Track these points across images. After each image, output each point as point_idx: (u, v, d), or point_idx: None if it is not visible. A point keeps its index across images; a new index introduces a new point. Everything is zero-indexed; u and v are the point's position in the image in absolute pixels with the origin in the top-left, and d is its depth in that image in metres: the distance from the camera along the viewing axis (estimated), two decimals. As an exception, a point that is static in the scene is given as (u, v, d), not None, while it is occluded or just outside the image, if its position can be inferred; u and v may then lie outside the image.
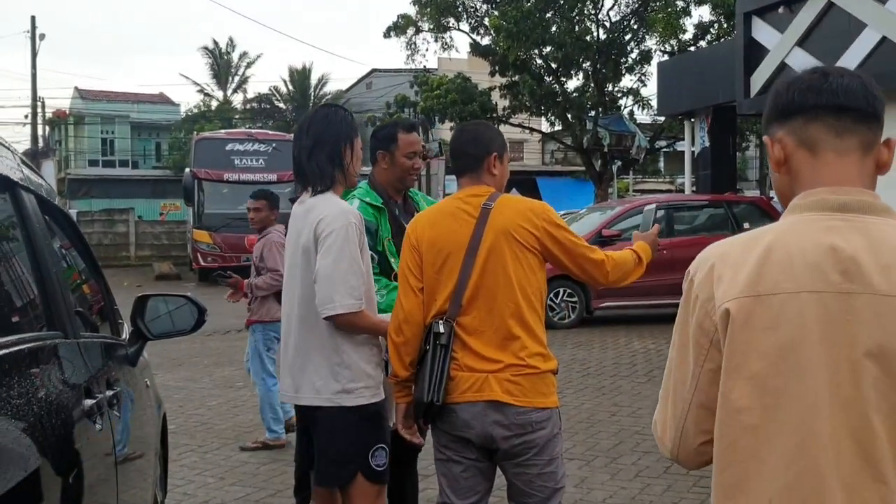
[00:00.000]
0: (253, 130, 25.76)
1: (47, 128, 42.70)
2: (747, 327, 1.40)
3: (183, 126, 42.17)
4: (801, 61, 12.58)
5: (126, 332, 3.49)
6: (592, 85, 25.61)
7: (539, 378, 2.92)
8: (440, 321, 2.94)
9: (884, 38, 10.98)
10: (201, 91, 46.58)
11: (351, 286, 3.09)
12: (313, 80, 45.96)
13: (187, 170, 21.70)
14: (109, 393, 2.55)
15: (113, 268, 22.58)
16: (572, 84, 26.35)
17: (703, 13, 26.92)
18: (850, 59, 11.61)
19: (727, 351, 1.42)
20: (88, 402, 2.25)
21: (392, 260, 3.66)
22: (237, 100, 47.36)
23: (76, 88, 45.07)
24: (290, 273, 3.34)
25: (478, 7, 25.81)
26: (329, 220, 3.12)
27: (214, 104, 45.99)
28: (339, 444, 3.17)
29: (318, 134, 3.27)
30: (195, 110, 45.75)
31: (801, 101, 1.49)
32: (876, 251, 1.39)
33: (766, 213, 13.63)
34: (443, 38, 26.59)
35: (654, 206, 13.28)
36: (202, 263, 20.55)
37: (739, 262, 1.44)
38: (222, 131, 26.01)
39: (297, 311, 3.25)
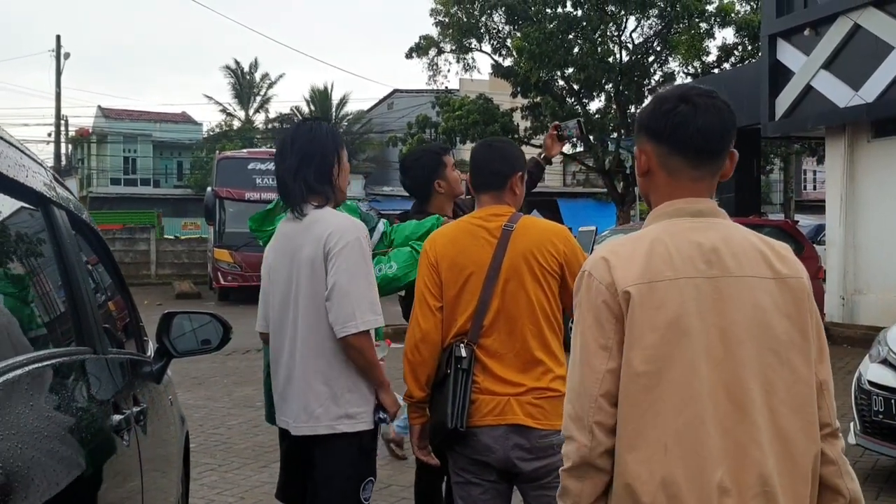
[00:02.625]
0: (275, 150, 25.89)
1: (70, 146, 43.15)
2: (642, 307, 1.73)
3: (205, 145, 42.49)
4: (827, 84, 12.50)
5: (151, 349, 3.45)
6: (615, 107, 25.59)
7: (560, 401, 2.81)
8: (461, 344, 2.88)
9: (912, 61, 10.89)
10: (223, 110, 46.98)
11: (371, 301, 2.99)
12: (334, 99, 46.24)
13: (209, 188, 21.77)
14: (136, 409, 2.52)
15: (133, 286, 22.64)
16: (594, 105, 26.37)
17: (727, 35, 26.95)
18: (877, 81, 11.53)
19: (628, 326, 1.74)
20: (117, 417, 2.22)
21: None
22: (259, 119, 47.71)
23: (99, 107, 45.60)
24: (283, 292, 3.10)
25: (500, 28, 25.89)
26: (340, 233, 2.98)
27: (236, 124, 46.32)
28: (339, 475, 3.02)
29: (304, 150, 3.09)
30: (217, 130, 46.11)
31: (668, 136, 1.83)
32: (727, 243, 1.79)
33: (790, 237, 13.51)
34: (465, 59, 26.72)
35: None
36: (222, 282, 20.56)
37: (628, 256, 1.78)
38: (244, 150, 26.10)
39: (299, 332, 3.04)
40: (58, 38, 35.00)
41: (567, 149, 30.10)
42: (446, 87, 28.09)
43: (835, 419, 1.83)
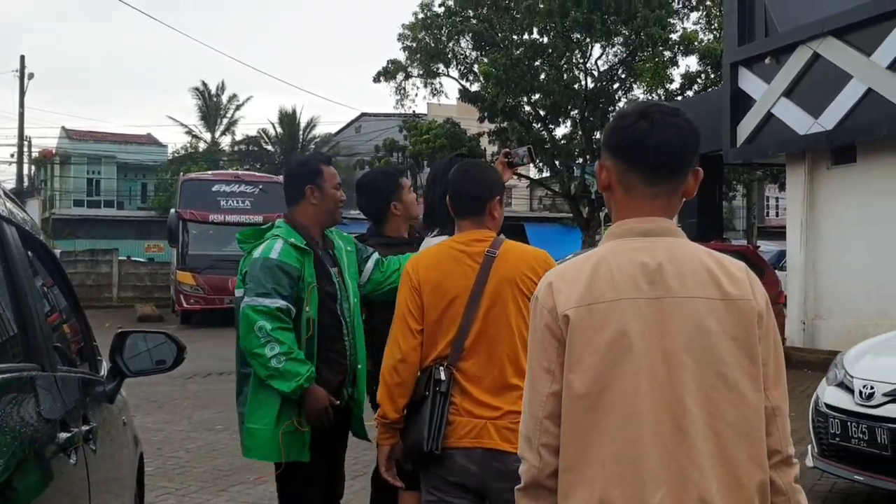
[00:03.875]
0: (240, 172, 25.75)
1: (33, 167, 42.62)
2: (581, 330, 1.73)
3: (169, 167, 42.15)
4: (788, 111, 12.72)
5: (105, 369, 3.40)
6: (580, 132, 25.83)
7: None
8: (440, 367, 2.89)
9: (869, 90, 11.12)
10: (189, 132, 46.69)
11: None
12: (302, 122, 46.18)
13: (172, 210, 21.59)
14: (85, 428, 2.47)
15: (94, 308, 22.36)
16: (560, 131, 26.63)
17: (690, 63, 27.27)
18: (836, 110, 11.75)
19: (568, 349, 1.74)
20: (63, 435, 2.18)
21: (307, 309, 3.44)
22: (225, 142, 47.47)
23: (63, 128, 45.09)
24: None
25: (467, 54, 26.10)
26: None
27: (202, 146, 46.05)
28: None
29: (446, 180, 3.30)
30: (182, 151, 45.80)
31: (625, 151, 1.81)
32: (674, 263, 1.75)
33: (752, 262, 13.66)
34: (432, 83, 26.88)
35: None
36: (185, 305, 20.33)
37: (573, 278, 1.78)
38: (209, 172, 25.95)
39: None
40: (22, 58, 34.70)
41: (533, 174, 30.35)
42: (414, 111, 28.22)
43: (787, 446, 1.79)
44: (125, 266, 28.10)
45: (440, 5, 25.84)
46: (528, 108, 25.50)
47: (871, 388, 5.28)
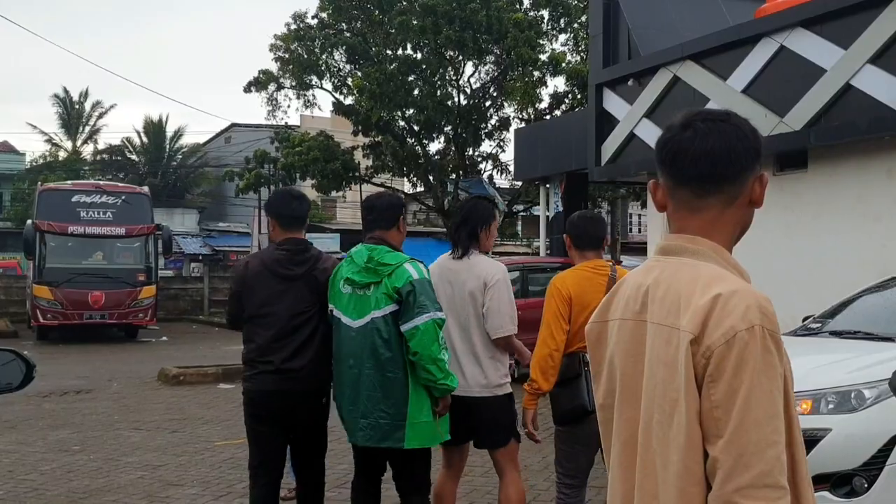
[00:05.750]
0: (102, 182, 24.76)
1: None
2: (596, 344, 1.84)
3: (27, 176, 40.19)
4: (649, 132, 13.22)
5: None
6: (454, 148, 26.13)
7: None
8: (586, 354, 4.02)
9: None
10: (49, 140, 44.67)
11: (512, 316, 4.41)
12: (169, 132, 44.88)
13: (29, 221, 20.57)
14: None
15: (-59, 324, 21.05)
16: (434, 147, 26.86)
17: (558, 84, 28.02)
18: (694, 131, 12.30)
19: (590, 363, 1.89)
20: None
21: None
22: (87, 151, 45.66)
23: None
24: (446, 305, 4.34)
25: (341, 67, 26.00)
26: (494, 273, 4.44)
27: (63, 154, 44.13)
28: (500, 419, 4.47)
29: (466, 216, 4.59)
30: (41, 160, 43.77)
31: (669, 165, 1.72)
32: (658, 286, 1.69)
33: (615, 278, 14.09)
34: (305, 95, 26.65)
35: (510, 267, 13.47)
36: (41, 321, 19.34)
37: (605, 296, 1.89)
38: (69, 182, 24.87)
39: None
40: None
41: (407, 188, 30.48)
42: (286, 123, 27.88)
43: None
44: (-25, 280, 26.57)
45: (313, 17, 25.69)
46: (402, 123, 25.60)
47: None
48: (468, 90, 25.90)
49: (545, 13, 25.06)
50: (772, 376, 1.53)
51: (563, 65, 24.39)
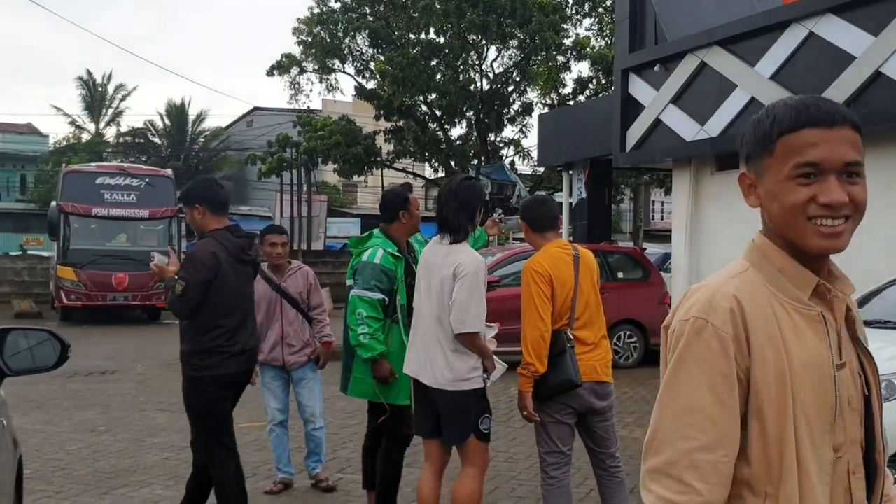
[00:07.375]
0: (125, 164, 24.86)
1: None
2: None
3: (51, 158, 40.48)
4: (675, 118, 13.11)
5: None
6: (475, 134, 26.02)
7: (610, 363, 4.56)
8: (568, 331, 4.36)
9: (752, 99, 11.55)
10: (72, 123, 44.96)
11: (478, 314, 4.31)
12: (192, 115, 45.03)
13: (53, 203, 20.68)
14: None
15: (-33, 304, 21.28)
16: (456, 132, 26.75)
17: (582, 69, 27.90)
18: (721, 117, 12.18)
19: None
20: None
21: (399, 298, 4.83)
22: (110, 133, 45.91)
23: (-65, 114, 42.70)
24: (424, 291, 4.50)
25: (364, 51, 25.93)
26: (465, 265, 4.33)
27: (86, 136, 44.39)
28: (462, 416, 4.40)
29: (465, 199, 4.49)
30: (64, 142, 44.06)
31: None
32: None
33: (639, 263, 14.05)
34: (328, 79, 26.59)
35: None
36: (65, 302, 19.48)
37: None
38: (93, 164, 24.99)
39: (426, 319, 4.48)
40: None
41: (429, 173, 30.44)
42: (308, 107, 27.86)
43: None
44: (1, 260, 26.81)
45: (336, 0, 25.62)
46: (424, 108, 25.53)
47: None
48: (491, 75, 25.76)
49: (570, -3, 24.86)
50: (705, 370, 1.50)
51: (588, 50, 24.19)
